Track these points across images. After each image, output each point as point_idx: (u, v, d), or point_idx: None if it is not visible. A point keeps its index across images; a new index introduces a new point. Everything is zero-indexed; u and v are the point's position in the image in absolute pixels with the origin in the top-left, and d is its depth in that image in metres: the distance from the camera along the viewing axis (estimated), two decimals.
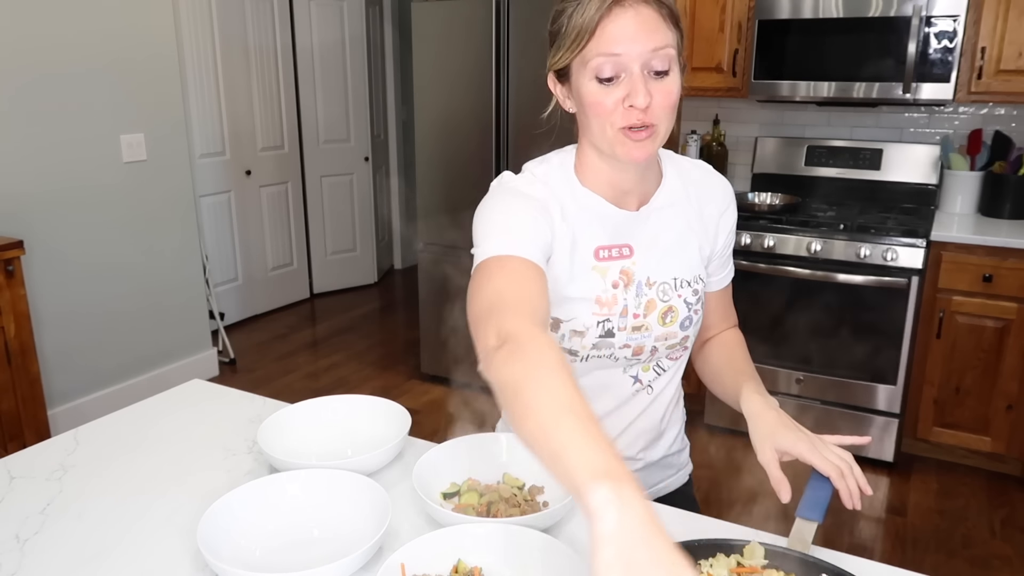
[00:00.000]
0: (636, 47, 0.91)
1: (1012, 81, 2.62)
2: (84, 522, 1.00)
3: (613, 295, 1.05)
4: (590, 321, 1.05)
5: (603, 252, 1.05)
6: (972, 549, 2.35)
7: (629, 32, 0.91)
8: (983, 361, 2.63)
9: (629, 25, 0.91)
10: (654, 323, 1.07)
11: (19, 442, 2.41)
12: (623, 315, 1.05)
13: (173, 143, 3.29)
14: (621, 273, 1.05)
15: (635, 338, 1.07)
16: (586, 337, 1.05)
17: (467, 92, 3.22)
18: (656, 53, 0.92)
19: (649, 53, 0.92)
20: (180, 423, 1.30)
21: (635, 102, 0.92)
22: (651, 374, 1.13)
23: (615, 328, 1.06)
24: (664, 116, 0.95)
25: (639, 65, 0.92)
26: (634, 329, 1.07)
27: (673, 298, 1.08)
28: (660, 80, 0.93)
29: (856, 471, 0.94)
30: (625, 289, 1.06)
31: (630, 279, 1.06)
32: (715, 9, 3.04)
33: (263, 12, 4.35)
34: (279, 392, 3.40)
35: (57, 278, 2.89)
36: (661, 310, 1.07)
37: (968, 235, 2.60)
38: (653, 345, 1.09)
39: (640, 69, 0.92)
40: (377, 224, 5.33)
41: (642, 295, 1.06)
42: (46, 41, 2.75)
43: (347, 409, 1.23)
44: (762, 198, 3.22)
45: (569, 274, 1.04)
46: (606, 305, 1.05)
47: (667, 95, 0.94)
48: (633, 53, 0.91)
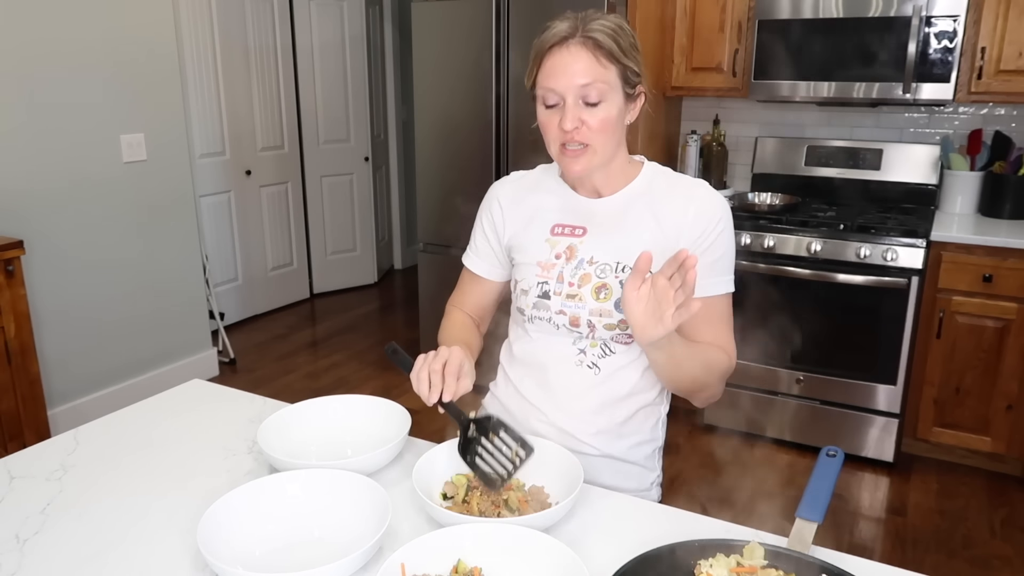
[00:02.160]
0: (566, 82, 1.10)
1: (1012, 81, 2.62)
2: (84, 522, 1.00)
3: (553, 263, 1.22)
4: (532, 281, 1.23)
5: (558, 229, 1.24)
6: (972, 549, 2.35)
7: (561, 70, 1.10)
8: (983, 361, 2.63)
9: (562, 63, 1.10)
10: (587, 295, 1.18)
11: (19, 442, 2.41)
12: (559, 280, 1.21)
13: (173, 143, 3.29)
14: (567, 248, 1.22)
15: (569, 306, 1.20)
16: (528, 295, 1.23)
17: (467, 92, 3.22)
18: (585, 88, 1.09)
19: (578, 88, 1.09)
20: (180, 423, 1.30)
21: (564, 125, 1.11)
22: (598, 351, 1.21)
23: (551, 291, 1.21)
24: (596, 137, 1.12)
25: (572, 96, 1.10)
26: (568, 296, 1.20)
27: (609, 277, 1.18)
28: (591, 109, 1.11)
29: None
30: (567, 261, 1.21)
31: (572, 254, 1.22)
32: (715, 9, 3.04)
33: (263, 12, 4.35)
34: (279, 392, 3.40)
35: (57, 278, 2.89)
36: (595, 284, 1.18)
37: (968, 235, 2.60)
38: (588, 319, 1.18)
39: (573, 99, 1.10)
40: (377, 224, 5.33)
41: (580, 268, 1.20)
42: (46, 41, 2.75)
43: (347, 409, 1.23)
44: (762, 198, 3.22)
45: (525, 242, 1.26)
46: (546, 269, 1.22)
47: (599, 120, 1.11)
48: (562, 88, 1.10)
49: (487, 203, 1.34)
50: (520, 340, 1.29)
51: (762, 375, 2.92)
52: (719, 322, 1.20)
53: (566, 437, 1.22)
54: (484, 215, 1.34)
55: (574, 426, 1.23)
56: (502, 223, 1.30)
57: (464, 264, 1.37)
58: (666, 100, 3.31)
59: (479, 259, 1.35)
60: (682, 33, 3.12)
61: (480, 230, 1.34)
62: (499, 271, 1.34)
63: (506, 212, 1.30)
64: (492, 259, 1.34)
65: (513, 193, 1.31)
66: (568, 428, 1.23)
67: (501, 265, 1.34)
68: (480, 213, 1.35)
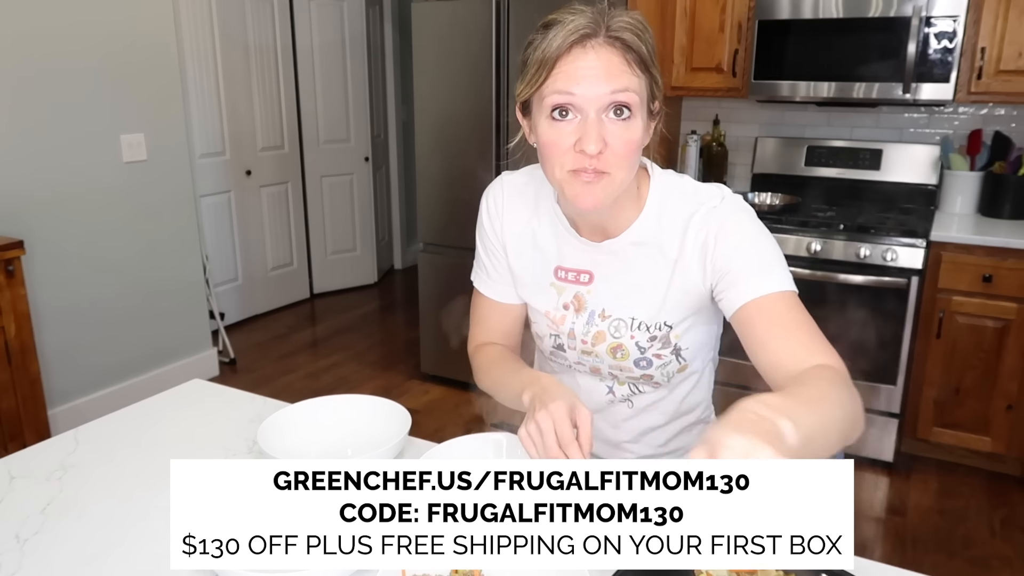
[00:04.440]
0: (593, 89, 0.87)
1: (1012, 81, 2.62)
2: (84, 522, 1.00)
3: (563, 315, 1.08)
4: (544, 331, 1.11)
5: (561, 272, 1.08)
6: (972, 549, 2.35)
7: (587, 73, 0.87)
8: (983, 361, 2.63)
9: (588, 66, 0.87)
10: (604, 354, 1.07)
11: (19, 442, 2.41)
12: (571, 337, 1.09)
13: (173, 143, 3.29)
14: (574, 298, 1.07)
15: (587, 360, 1.09)
16: (544, 343, 1.12)
17: (467, 92, 3.22)
18: (615, 96, 0.88)
19: (607, 96, 0.87)
20: (180, 423, 1.30)
21: (586, 147, 0.88)
22: (626, 389, 1.12)
23: (565, 346, 1.10)
24: (620, 164, 0.90)
25: (595, 109, 0.88)
26: (583, 352, 1.09)
27: (624, 337, 1.05)
28: (619, 124, 0.89)
29: None
30: (576, 314, 1.08)
31: (581, 305, 1.07)
32: (715, 9, 3.04)
33: (263, 12, 4.35)
34: (279, 392, 3.40)
35: (57, 278, 2.89)
36: (610, 345, 1.06)
37: (968, 235, 2.60)
38: (609, 371, 1.09)
39: (596, 113, 0.88)
40: (377, 224, 5.33)
41: (592, 324, 1.06)
42: (46, 41, 2.75)
43: (347, 409, 1.23)
44: (762, 198, 3.22)
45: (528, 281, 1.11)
46: (555, 322, 1.09)
47: (625, 142, 0.89)
48: (589, 95, 0.87)
49: (483, 217, 1.16)
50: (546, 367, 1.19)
51: None
52: (792, 326, 0.95)
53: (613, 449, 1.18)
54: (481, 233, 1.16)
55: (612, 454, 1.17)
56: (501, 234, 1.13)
57: (475, 286, 1.18)
58: (666, 100, 3.30)
59: (492, 281, 1.15)
60: (682, 33, 3.12)
61: (484, 249, 1.16)
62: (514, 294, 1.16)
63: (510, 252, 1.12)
64: (508, 279, 1.15)
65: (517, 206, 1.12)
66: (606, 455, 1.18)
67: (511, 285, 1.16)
68: (479, 228, 1.17)
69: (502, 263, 1.15)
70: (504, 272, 1.15)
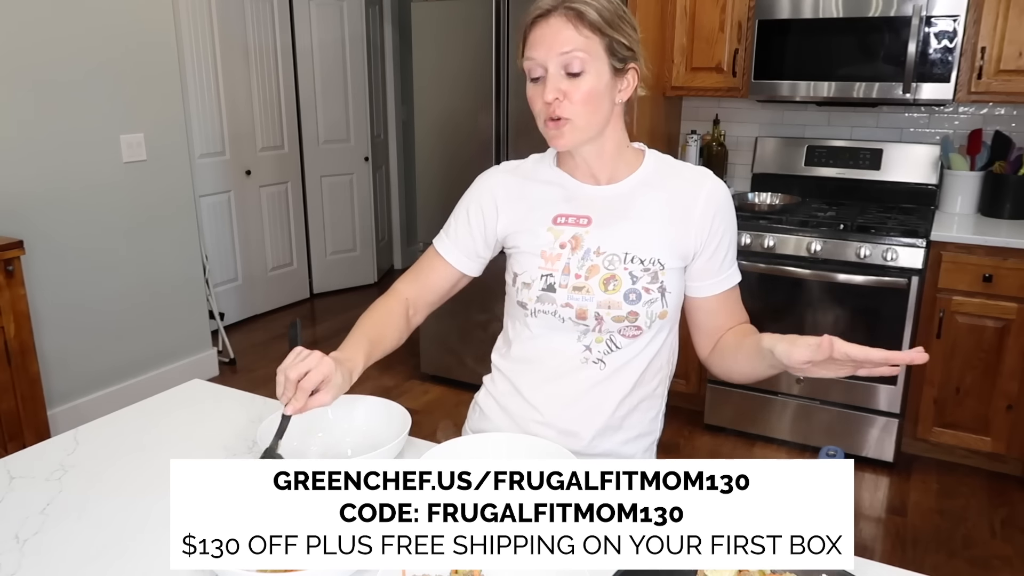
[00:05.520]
0: (545, 53, 1.08)
1: (1012, 81, 2.62)
2: (84, 522, 1.00)
3: (558, 253, 1.18)
4: (535, 274, 1.18)
5: (560, 219, 1.20)
6: (972, 549, 2.35)
7: (542, 39, 1.09)
8: (983, 361, 2.63)
9: (541, 34, 1.09)
10: (595, 287, 1.15)
11: (19, 442, 2.41)
12: (565, 272, 1.17)
13: (173, 143, 3.29)
14: (572, 238, 1.18)
15: (576, 298, 1.16)
16: (532, 288, 1.18)
17: (467, 92, 3.22)
18: (565, 56, 1.07)
19: (558, 57, 1.08)
20: (180, 423, 1.30)
21: (545, 97, 1.09)
22: (603, 347, 1.18)
23: (556, 284, 1.17)
24: (576, 111, 1.09)
25: (554, 66, 1.09)
26: (575, 288, 1.16)
27: (619, 268, 1.15)
28: (572, 80, 1.09)
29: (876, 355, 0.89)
30: (572, 251, 1.17)
31: (578, 243, 1.18)
32: (715, 9, 3.04)
33: (263, 12, 4.35)
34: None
35: (57, 278, 2.89)
36: (603, 276, 1.15)
37: (968, 235, 2.60)
38: (596, 311, 1.15)
39: (555, 69, 1.09)
40: (377, 224, 5.33)
41: (587, 259, 1.16)
42: (46, 41, 2.75)
43: (347, 409, 1.23)
44: (762, 198, 3.22)
45: (524, 231, 1.21)
46: (550, 260, 1.18)
47: (578, 92, 1.08)
48: (542, 58, 1.09)
49: (478, 194, 1.28)
50: (520, 338, 1.25)
51: None
52: (739, 308, 1.23)
53: (565, 436, 1.21)
54: (472, 205, 1.27)
55: (576, 425, 1.21)
56: (495, 217, 1.25)
57: (434, 245, 1.30)
58: (666, 100, 3.30)
59: (452, 246, 1.27)
60: (682, 33, 3.12)
61: (464, 218, 1.27)
62: (467, 264, 1.27)
63: (501, 206, 1.24)
64: (468, 250, 1.27)
65: (510, 184, 1.26)
66: (569, 427, 1.21)
67: (471, 259, 1.27)
68: (467, 201, 1.28)
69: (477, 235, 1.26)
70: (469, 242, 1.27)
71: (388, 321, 1.27)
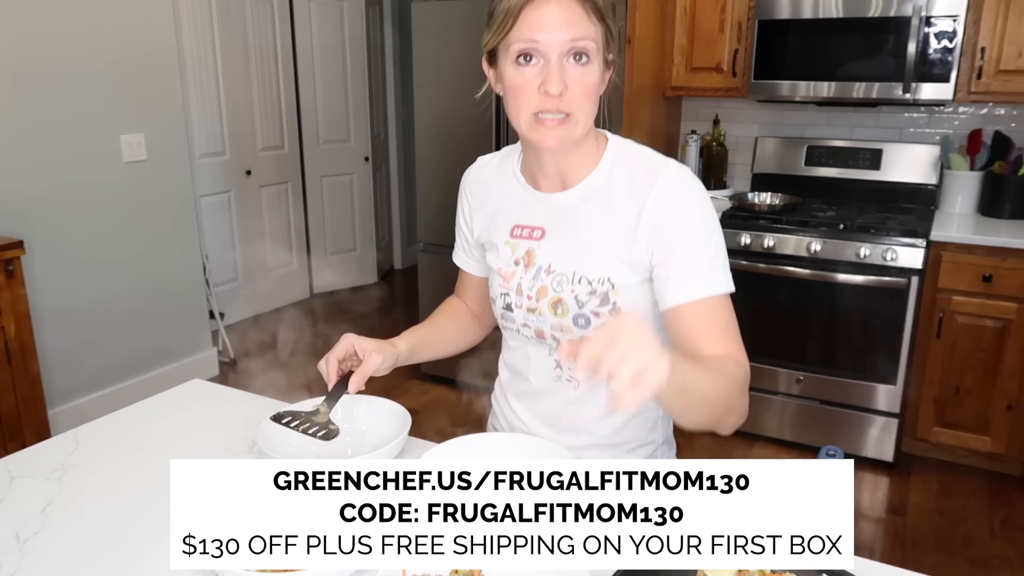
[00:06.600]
0: (555, 36, 0.94)
1: (1012, 81, 2.62)
2: (84, 522, 1.00)
3: (512, 271, 1.12)
4: (497, 292, 1.14)
5: (517, 230, 1.13)
6: (972, 549, 2.35)
7: (549, 21, 0.94)
8: (983, 361, 2.63)
9: (550, 14, 0.94)
10: (546, 309, 1.09)
11: (19, 442, 2.41)
12: (518, 293, 1.11)
13: (173, 143, 3.29)
14: (526, 253, 1.11)
15: (532, 320, 1.11)
16: (496, 306, 1.15)
17: (467, 92, 3.19)
18: (575, 43, 0.95)
19: (567, 42, 0.95)
20: (180, 423, 1.30)
21: (549, 88, 0.95)
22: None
23: (512, 304, 1.12)
24: (580, 105, 0.97)
25: (557, 54, 0.95)
26: (528, 310, 1.11)
27: (565, 291, 1.06)
28: (579, 68, 0.96)
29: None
30: (525, 269, 1.11)
31: (531, 260, 1.11)
32: (715, 9, 3.04)
33: (263, 12, 4.35)
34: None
35: (57, 278, 2.89)
36: (552, 299, 1.08)
37: (968, 235, 2.60)
38: (552, 333, 1.09)
39: (558, 57, 0.95)
40: (377, 224, 5.33)
41: (538, 279, 1.09)
42: (46, 41, 2.75)
43: (347, 409, 1.23)
44: (762, 198, 3.22)
45: (488, 244, 1.17)
46: (506, 279, 1.13)
47: (584, 85, 0.97)
48: (552, 42, 0.94)
49: (460, 198, 1.25)
50: (507, 346, 1.22)
51: (762, 375, 2.91)
52: (719, 330, 1.00)
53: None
54: (459, 212, 1.25)
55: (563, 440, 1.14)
56: (470, 217, 1.22)
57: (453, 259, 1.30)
58: (666, 100, 3.30)
59: (466, 256, 1.26)
60: (682, 33, 3.12)
61: (459, 226, 1.25)
62: (478, 267, 1.25)
63: (473, 207, 1.21)
64: (472, 253, 1.24)
65: (478, 183, 1.21)
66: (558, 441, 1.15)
67: (478, 261, 1.24)
68: (457, 208, 1.26)
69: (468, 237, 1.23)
70: (469, 247, 1.24)
71: (450, 311, 1.31)
